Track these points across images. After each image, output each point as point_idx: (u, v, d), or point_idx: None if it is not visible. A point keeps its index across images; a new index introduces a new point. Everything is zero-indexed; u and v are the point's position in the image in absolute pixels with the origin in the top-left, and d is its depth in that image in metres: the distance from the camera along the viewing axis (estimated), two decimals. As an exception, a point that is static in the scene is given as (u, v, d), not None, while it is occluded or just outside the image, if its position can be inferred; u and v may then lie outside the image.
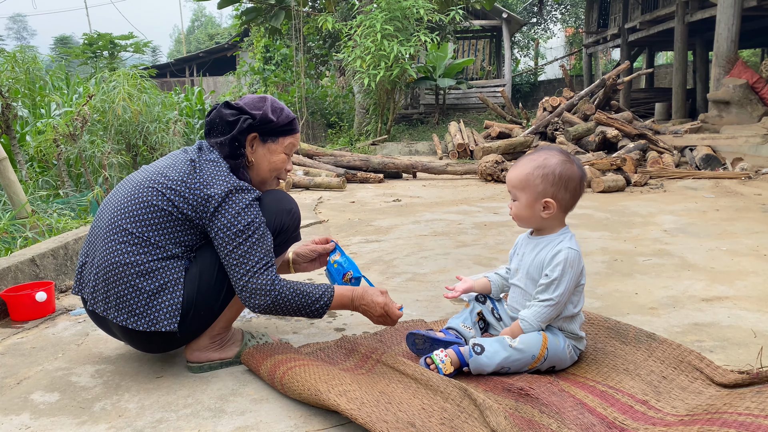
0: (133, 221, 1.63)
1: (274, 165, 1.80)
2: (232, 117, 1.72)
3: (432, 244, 3.45)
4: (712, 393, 1.49)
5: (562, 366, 1.65)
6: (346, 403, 1.40)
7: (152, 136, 5.75)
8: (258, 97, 1.80)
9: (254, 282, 1.61)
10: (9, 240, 3.21)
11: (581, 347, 1.70)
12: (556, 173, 1.62)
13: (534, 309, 1.62)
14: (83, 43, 18.61)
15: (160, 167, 1.71)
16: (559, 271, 1.60)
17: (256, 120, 1.73)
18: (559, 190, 1.63)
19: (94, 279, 1.66)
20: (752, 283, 2.49)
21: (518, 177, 1.66)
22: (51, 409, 1.57)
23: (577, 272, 1.62)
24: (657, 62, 22.02)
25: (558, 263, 1.61)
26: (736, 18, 9.52)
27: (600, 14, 18.84)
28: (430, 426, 1.35)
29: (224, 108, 1.76)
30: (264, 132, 1.76)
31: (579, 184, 1.65)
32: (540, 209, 1.65)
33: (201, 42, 43.28)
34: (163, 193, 1.64)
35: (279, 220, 1.76)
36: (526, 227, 1.74)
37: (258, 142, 1.77)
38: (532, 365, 1.60)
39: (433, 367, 1.62)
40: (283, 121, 1.77)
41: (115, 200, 1.70)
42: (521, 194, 1.66)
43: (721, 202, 4.56)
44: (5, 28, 61.91)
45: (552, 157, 1.65)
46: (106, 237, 1.65)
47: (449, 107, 15.47)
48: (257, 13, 12.80)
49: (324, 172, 6.56)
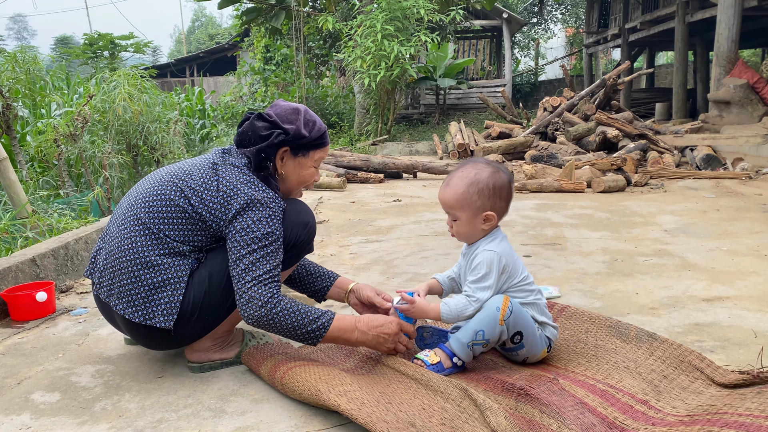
0: (149, 213, 1.65)
1: (302, 178, 1.81)
2: (265, 131, 1.71)
3: (432, 244, 3.45)
4: (712, 393, 1.49)
5: (531, 342, 1.65)
6: (346, 403, 1.40)
7: (153, 136, 5.75)
8: (291, 108, 1.77)
9: (255, 291, 1.59)
10: (9, 240, 3.21)
11: (549, 335, 1.70)
12: (490, 186, 1.67)
13: (458, 298, 1.66)
14: (84, 43, 18.60)
15: (185, 165, 1.73)
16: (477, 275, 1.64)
17: (289, 135, 1.72)
18: (495, 201, 1.68)
19: (103, 264, 1.69)
20: (753, 283, 2.49)
21: (454, 197, 1.69)
22: (51, 409, 1.57)
23: (497, 272, 1.64)
24: (657, 62, 22.02)
25: (476, 266, 1.66)
26: (736, 18, 9.52)
27: (600, 14, 18.84)
28: (430, 426, 1.35)
29: (257, 120, 1.73)
30: (295, 147, 1.75)
31: (509, 189, 1.71)
32: (480, 223, 1.69)
33: (201, 42, 43.27)
34: (182, 190, 1.65)
35: (295, 234, 1.75)
36: (468, 242, 1.76)
37: (288, 155, 1.76)
38: (501, 319, 1.59)
39: (419, 363, 1.64)
40: (315, 135, 1.76)
41: (137, 191, 1.72)
42: (460, 213, 1.69)
43: (721, 202, 4.55)
44: (6, 28, 61.99)
45: (481, 171, 1.69)
46: (122, 224, 1.68)
47: (450, 107, 15.47)
48: (258, 13, 12.80)
49: (324, 172, 6.56)
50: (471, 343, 1.62)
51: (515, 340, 1.65)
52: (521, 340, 1.64)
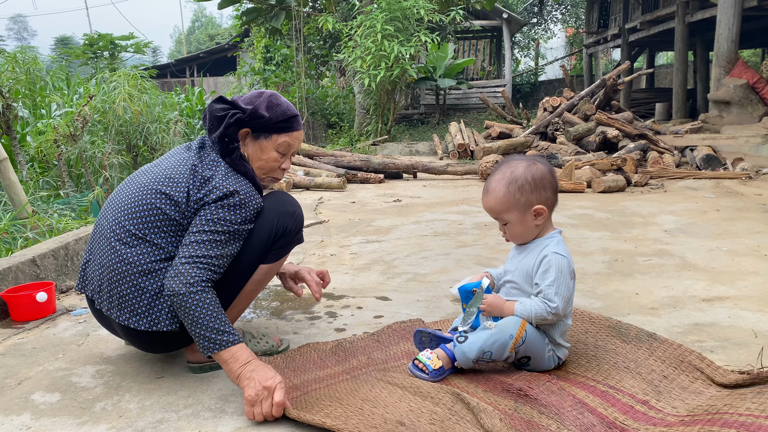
0: (136, 222, 1.62)
1: (264, 163, 1.73)
2: (221, 112, 1.67)
3: (432, 244, 3.45)
4: (712, 393, 1.49)
5: (538, 363, 1.62)
6: (331, 422, 1.39)
7: (153, 136, 5.75)
8: (257, 92, 1.74)
9: (187, 268, 1.54)
10: (10, 240, 3.21)
11: (561, 355, 1.66)
12: (529, 179, 1.61)
13: (536, 302, 1.58)
14: (84, 43, 18.60)
15: (164, 169, 1.68)
16: (549, 279, 1.57)
17: (245, 115, 1.67)
18: (541, 194, 1.62)
19: (99, 278, 1.66)
20: (753, 283, 2.49)
21: (497, 201, 1.63)
22: (52, 410, 1.57)
23: (567, 278, 1.58)
24: (657, 62, 22.02)
25: (547, 270, 1.58)
26: (736, 18, 9.52)
27: (600, 14, 18.85)
28: (419, 425, 1.35)
29: (215, 103, 1.70)
30: (256, 128, 1.70)
31: (552, 178, 1.64)
32: (532, 220, 1.63)
33: (201, 42, 43.27)
34: (168, 196, 1.62)
35: (282, 223, 1.72)
36: (525, 241, 1.69)
37: (250, 138, 1.72)
38: (512, 346, 1.56)
39: (421, 366, 1.62)
40: (278, 117, 1.69)
41: (119, 200, 1.69)
42: (509, 215, 1.63)
43: (721, 202, 4.55)
44: (6, 29, 62.00)
45: (516, 167, 1.63)
46: (109, 236, 1.65)
47: (450, 107, 15.47)
48: (258, 14, 12.80)
49: (324, 172, 6.56)
50: (476, 359, 1.60)
51: (522, 361, 1.63)
52: (528, 362, 1.63)
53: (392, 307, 2.33)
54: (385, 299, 2.43)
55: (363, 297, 2.47)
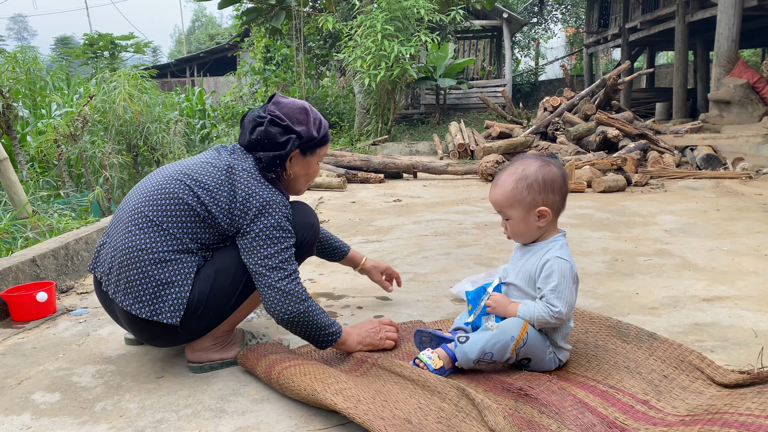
0: (156, 210, 1.64)
1: (310, 176, 1.86)
2: (282, 137, 1.71)
3: (433, 244, 3.45)
4: (712, 393, 1.49)
5: (539, 365, 1.62)
6: (342, 401, 1.40)
7: (153, 136, 5.76)
8: (298, 107, 1.76)
9: (294, 286, 1.64)
10: (10, 240, 3.21)
11: (562, 357, 1.66)
12: (540, 180, 1.60)
13: (539, 305, 1.58)
14: (84, 43, 18.60)
15: (194, 164, 1.72)
16: (552, 283, 1.56)
17: (302, 139, 1.74)
18: (548, 196, 1.61)
19: (110, 260, 1.68)
20: (753, 283, 2.49)
21: (503, 195, 1.63)
22: (52, 410, 1.57)
23: (570, 283, 1.58)
24: (657, 62, 22.02)
25: (549, 275, 1.57)
26: (736, 18, 9.52)
27: (600, 14, 18.84)
28: (426, 424, 1.35)
29: (271, 126, 1.72)
30: (305, 148, 1.77)
31: (563, 183, 1.63)
32: (535, 220, 1.62)
33: (201, 42, 43.28)
34: (191, 189, 1.64)
35: (301, 235, 1.78)
36: (525, 242, 1.69)
37: (297, 155, 1.78)
38: (513, 348, 1.56)
39: (422, 365, 1.62)
40: (322, 133, 1.80)
41: (143, 188, 1.72)
42: (512, 211, 1.63)
43: (721, 202, 4.55)
44: (6, 29, 62.02)
45: (529, 165, 1.62)
46: (128, 221, 1.67)
47: (450, 107, 15.46)
48: (258, 14, 12.80)
49: (324, 172, 6.56)
50: (477, 360, 1.60)
51: (523, 363, 1.63)
52: (529, 363, 1.63)
53: (392, 307, 2.33)
54: (385, 299, 2.43)
55: (363, 297, 2.47)
